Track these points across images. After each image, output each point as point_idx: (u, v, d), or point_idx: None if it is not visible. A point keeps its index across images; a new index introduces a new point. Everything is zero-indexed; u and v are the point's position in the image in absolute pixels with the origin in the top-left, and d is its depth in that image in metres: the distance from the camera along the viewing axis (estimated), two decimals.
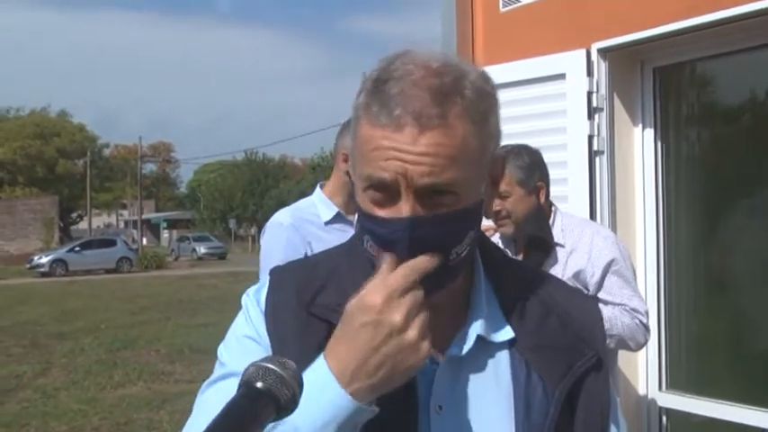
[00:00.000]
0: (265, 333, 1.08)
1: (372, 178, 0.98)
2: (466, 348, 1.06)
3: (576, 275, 2.74)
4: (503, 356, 1.08)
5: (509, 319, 1.09)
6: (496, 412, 1.05)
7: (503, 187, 2.78)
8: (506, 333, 1.08)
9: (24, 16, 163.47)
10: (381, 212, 1.00)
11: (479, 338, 1.07)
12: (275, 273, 1.17)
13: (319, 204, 2.95)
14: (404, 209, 0.97)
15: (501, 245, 2.94)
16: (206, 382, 1.10)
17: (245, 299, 1.15)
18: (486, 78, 1.03)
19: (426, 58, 0.99)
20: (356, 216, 1.10)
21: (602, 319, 1.18)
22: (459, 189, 0.98)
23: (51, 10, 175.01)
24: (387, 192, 0.98)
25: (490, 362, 1.08)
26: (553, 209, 2.92)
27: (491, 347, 1.08)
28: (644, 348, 3.56)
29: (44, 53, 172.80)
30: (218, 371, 1.10)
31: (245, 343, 1.09)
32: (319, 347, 0.99)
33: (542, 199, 2.82)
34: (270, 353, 1.04)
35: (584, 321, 1.13)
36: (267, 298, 1.11)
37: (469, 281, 1.12)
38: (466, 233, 1.02)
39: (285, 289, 1.11)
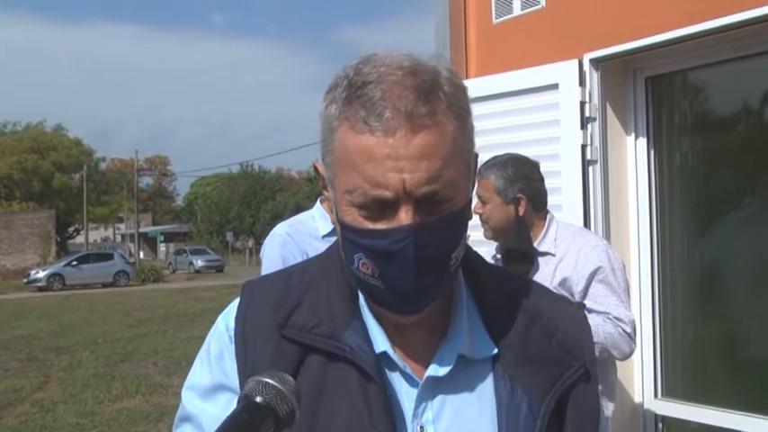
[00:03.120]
0: (233, 364, 1.05)
1: (368, 196, 0.93)
2: (447, 369, 1.02)
3: (562, 283, 2.74)
4: (485, 373, 1.04)
5: (491, 332, 1.05)
6: (480, 431, 1.02)
7: (483, 192, 2.83)
8: (488, 349, 1.04)
9: (19, 31, 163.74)
10: (376, 225, 0.94)
11: (460, 357, 1.03)
12: (247, 288, 1.11)
13: (318, 218, 3.03)
14: (403, 218, 0.92)
15: (491, 255, 2.97)
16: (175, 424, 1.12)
17: (212, 330, 1.11)
18: (455, 72, 0.99)
19: (396, 59, 0.95)
20: (339, 233, 1.01)
21: (588, 327, 1.15)
22: (453, 192, 0.95)
23: (46, 25, 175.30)
24: (381, 206, 0.94)
25: (472, 380, 1.04)
26: (548, 217, 2.93)
27: (473, 365, 1.04)
28: (639, 356, 3.59)
29: (40, 68, 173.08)
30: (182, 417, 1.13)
31: (210, 396, 1.08)
32: (292, 372, 0.98)
33: (521, 211, 2.84)
34: (237, 389, 1.02)
35: (570, 331, 1.09)
36: (237, 319, 1.07)
37: (450, 293, 1.07)
38: (461, 236, 0.99)
39: (257, 307, 1.07)
